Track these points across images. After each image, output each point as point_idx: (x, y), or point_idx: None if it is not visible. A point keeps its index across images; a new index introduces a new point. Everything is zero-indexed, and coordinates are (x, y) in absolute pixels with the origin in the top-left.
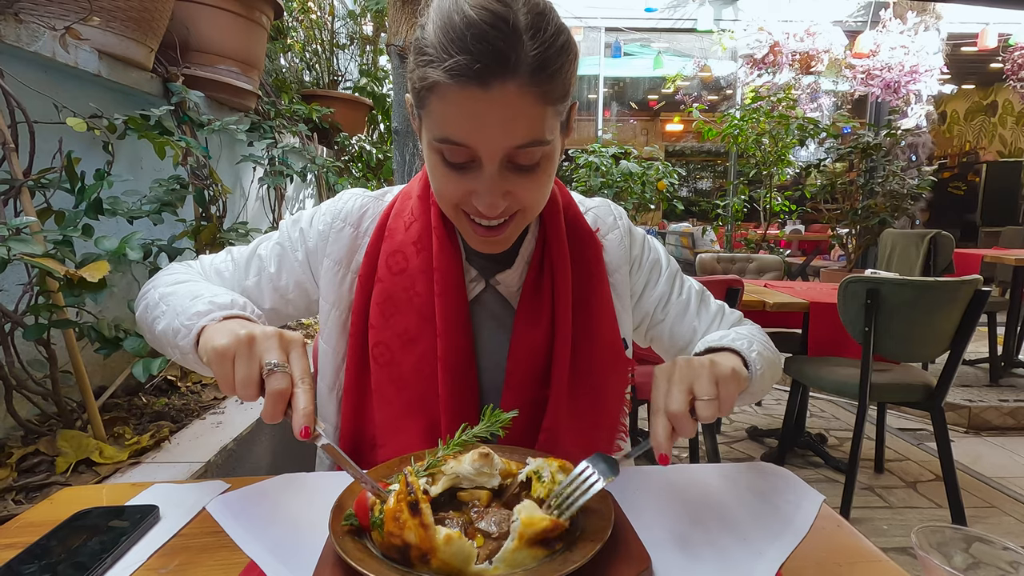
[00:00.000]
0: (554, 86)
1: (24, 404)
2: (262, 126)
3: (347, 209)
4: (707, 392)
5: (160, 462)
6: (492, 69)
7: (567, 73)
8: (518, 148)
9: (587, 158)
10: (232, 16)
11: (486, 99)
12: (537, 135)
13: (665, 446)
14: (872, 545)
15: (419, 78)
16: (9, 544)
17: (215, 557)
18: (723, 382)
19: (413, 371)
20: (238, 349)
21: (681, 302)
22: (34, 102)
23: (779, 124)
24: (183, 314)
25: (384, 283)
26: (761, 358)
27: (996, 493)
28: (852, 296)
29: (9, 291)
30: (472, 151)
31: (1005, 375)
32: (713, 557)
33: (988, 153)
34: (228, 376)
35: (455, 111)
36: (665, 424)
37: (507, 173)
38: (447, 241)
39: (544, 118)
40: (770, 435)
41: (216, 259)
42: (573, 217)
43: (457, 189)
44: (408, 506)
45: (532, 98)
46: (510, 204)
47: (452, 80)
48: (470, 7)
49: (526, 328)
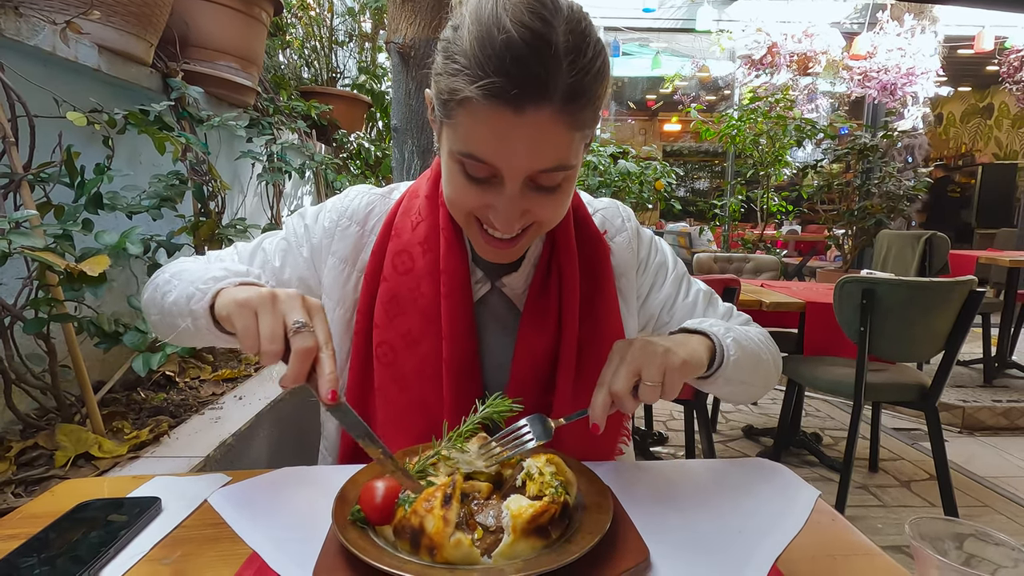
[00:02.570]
0: (586, 114)
1: (23, 398)
2: (261, 122)
3: (353, 207)
4: (652, 378)
5: (159, 456)
6: (529, 95)
7: (600, 98)
8: (542, 172)
9: (585, 157)
10: (232, 12)
11: (518, 123)
12: (563, 160)
13: (600, 416)
14: (866, 539)
15: (448, 88)
16: (11, 535)
17: (217, 548)
18: (670, 371)
19: (416, 372)
20: (261, 304)
21: (687, 305)
22: (34, 96)
23: (776, 125)
24: (198, 280)
25: (389, 283)
26: (738, 346)
27: (989, 492)
28: (848, 296)
29: (8, 285)
30: (495, 169)
31: (999, 376)
32: (710, 550)
33: (984, 155)
34: (252, 329)
35: (484, 130)
36: (605, 398)
37: (527, 192)
38: (455, 243)
39: (571, 143)
40: (766, 434)
41: (222, 253)
42: (582, 219)
43: (474, 201)
44: (443, 495)
45: (563, 125)
46: (526, 221)
47: (485, 100)
48: (511, 23)
49: (532, 331)
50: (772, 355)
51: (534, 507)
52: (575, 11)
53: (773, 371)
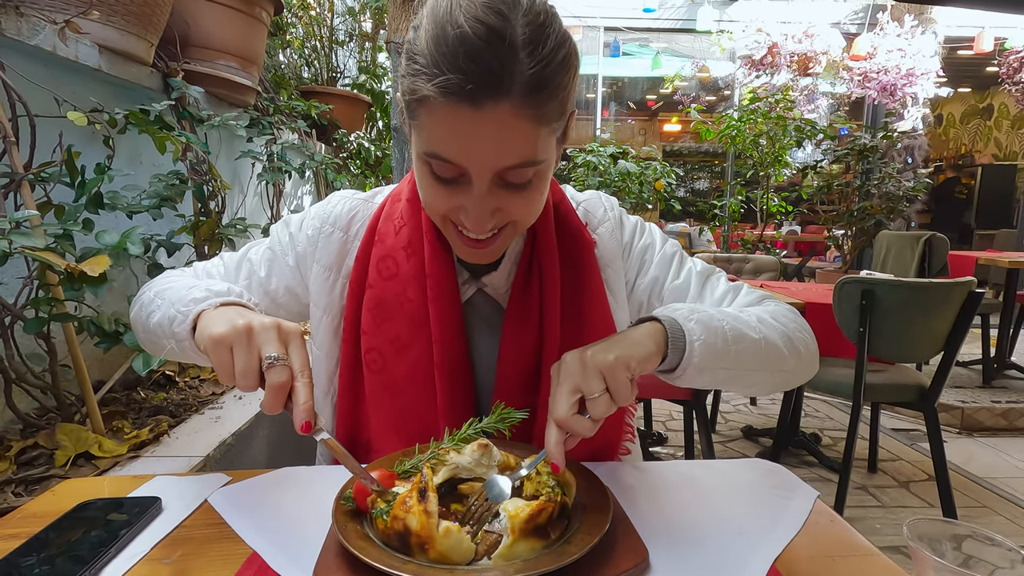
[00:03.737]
0: (550, 107)
1: (23, 397)
2: (261, 122)
3: (336, 213)
4: (594, 389)
5: (159, 456)
6: (484, 89)
7: (566, 90)
8: (509, 168)
9: (585, 157)
10: (232, 11)
11: (477, 119)
12: (529, 155)
13: (558, 455)
14: (864, 539)
15: (409, 89)
16: (12, 534)
17: (217, 548)
18: (608, 372)
19: (406, 378)
20: (236, 339)
21: (677, 287)
22: (35, 96)
23: (776, 125)
24: (179, 302)
25: (375, 289)
26: (707, 330)
27: (988, 493)
28: (847, 297)
29: (9, 284)
30: (461, 168)
31: (998, 376)
32: (708, 550)
33: (983, 156)
34: (227, 365)
35: (445, 129)
36: (556, 432)
37: (497, 191)
38: (438, 245)
39: (537, 138)
40: (765, 434)
41: (208, 264)
42: (564, 214)
43: (445, 203)
44: (418, 492)
45: (526, 119)
46: (499, 220)
47: (442, 97)
48: (465, 19)
49: (515, 331)
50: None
51: (531, 507)
52: (536, 4)
53: (784, 353)
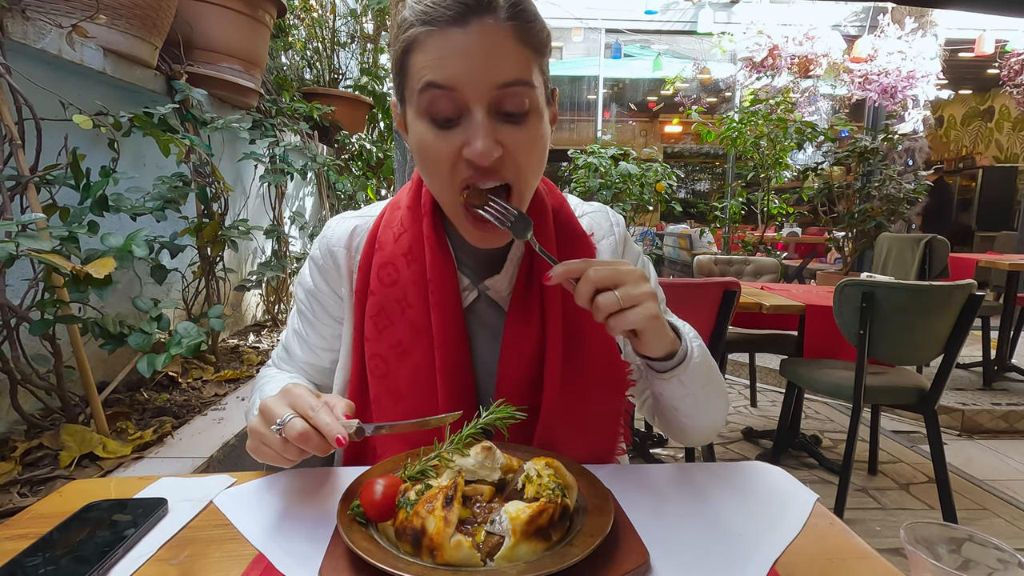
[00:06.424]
0: (531, 29)
1: (28, 398)
2: (264, 124)
3: (337, 234)
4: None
5: (163, 457)
6: (469, 7)
7: (541, 25)
8: (503, 87)
9: (586, 159)
10: (235, 14)
11: (465, 35)
12: (520, 74)
13: (558, 272)
14: (863, 542)
15: (401, 49)
16: (20, 535)
17: (223, 549)
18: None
19: (409, 383)
20: (260, 428)
21: None
22: (40, 99)
23: (777, 127)
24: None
25: (376, 296)
26: (702, 352)
27: (988, 495)
28: (847, 299)
29: (14, 286)
30: (458, 95)
31: (998, 379)
32: (709, 552)
33: (984, 158)
34: (265, 452)
35: (436, 56)
36: (577, 268)
37: (496, 123)
38: (439, 251)
39: (526, 60)
40: (765, 436)
41: (277, 351)
42: (565, 219)
43: (449, 145)
44: (444, 497)
45: (512, 37)
46: (503, 159)
47: (431, 26)
48: None
49: (517, 332)
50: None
51: (531, 508)
52: None
53: (721, 401)
